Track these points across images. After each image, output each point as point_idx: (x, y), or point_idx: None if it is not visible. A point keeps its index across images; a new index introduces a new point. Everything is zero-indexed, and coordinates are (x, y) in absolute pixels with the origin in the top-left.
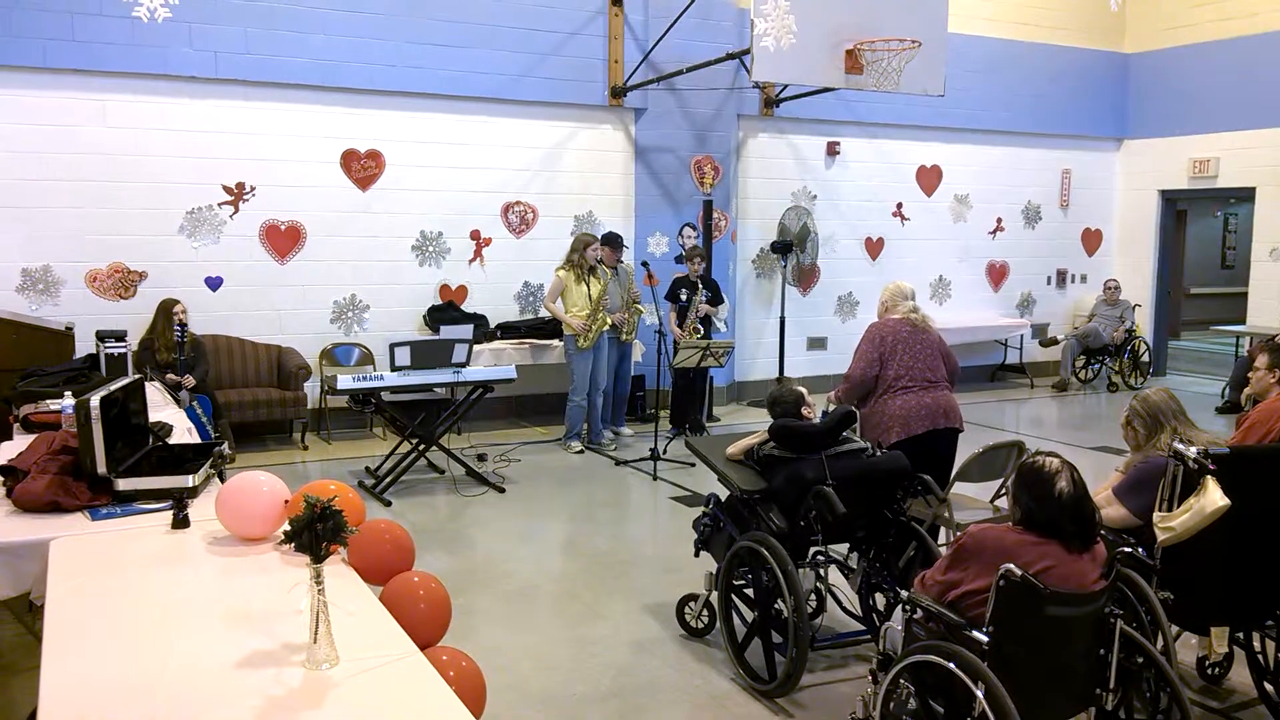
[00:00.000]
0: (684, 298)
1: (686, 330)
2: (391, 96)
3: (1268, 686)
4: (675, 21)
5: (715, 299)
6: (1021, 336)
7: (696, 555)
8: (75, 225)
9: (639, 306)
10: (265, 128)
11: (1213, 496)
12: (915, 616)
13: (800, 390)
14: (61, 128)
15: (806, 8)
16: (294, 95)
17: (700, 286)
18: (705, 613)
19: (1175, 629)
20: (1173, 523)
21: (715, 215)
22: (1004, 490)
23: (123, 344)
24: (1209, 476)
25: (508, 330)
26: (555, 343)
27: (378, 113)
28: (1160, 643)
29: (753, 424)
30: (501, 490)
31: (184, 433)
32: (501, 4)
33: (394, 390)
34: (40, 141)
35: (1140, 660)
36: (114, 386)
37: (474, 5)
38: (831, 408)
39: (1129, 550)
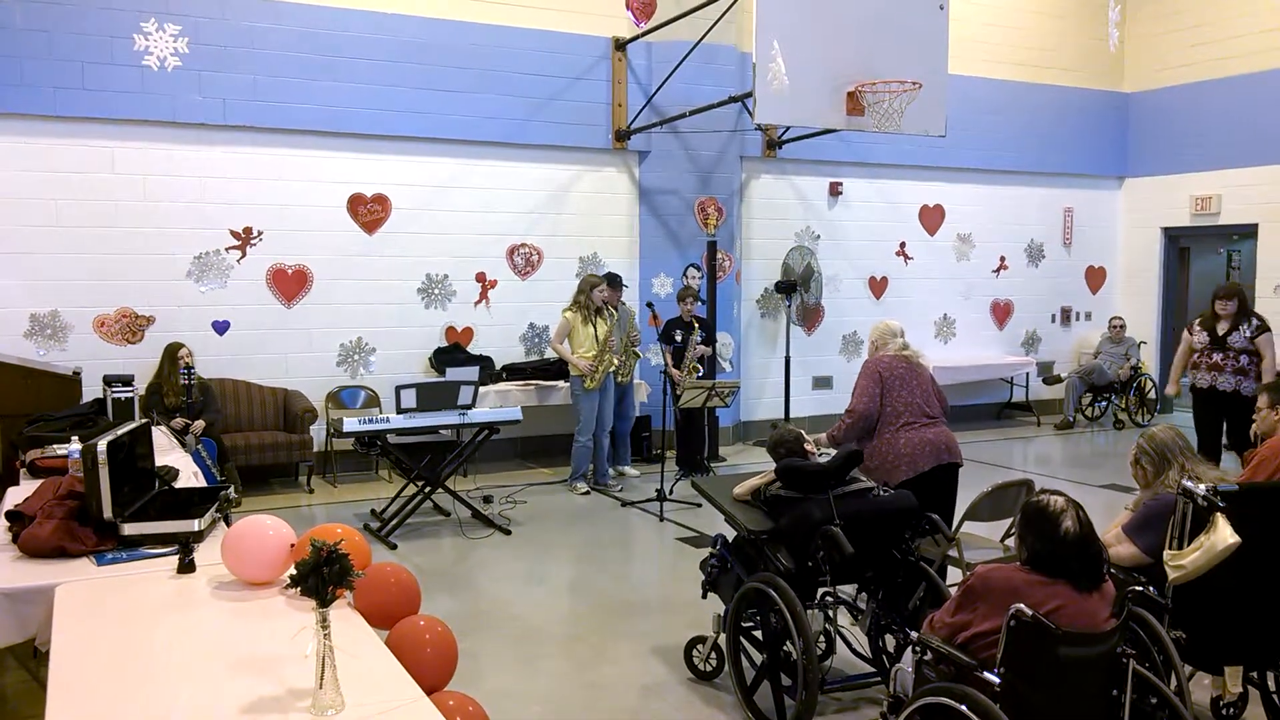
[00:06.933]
0: (679, 338)
1: (685, 370)
2: (397, 141)
3: None
4: (678, 66)
5: (708, 339)
6: (1027, 374)
7: (704, 597)
8: (83, 271)
9: (636, 351)
10: (272, 173)
11: (1223, 534)
12: (925, 658)
13: (799, 430)
14: (70, 174)
15: (806, 51)
16: (301, 141)
17: (695, 327)
18: (713, 655)
19: (1189, 669)
20: (1183, 561)
21: (719, 256)
22: (1013, 529)
23: (130, 388)
24: (1219, 514)
25: (513, 372)
26: (561, 384)
27: (384, 157)
28: (1174, 683)
29: (759, 464)
30: (507, 532)
31: (190, 477)
32: (506, 49)
33: (400, 433)
34: (49, 188)
35: (1154, 701)
36: (120, 431)
37: (479, 51)
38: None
39: (1140, 589)
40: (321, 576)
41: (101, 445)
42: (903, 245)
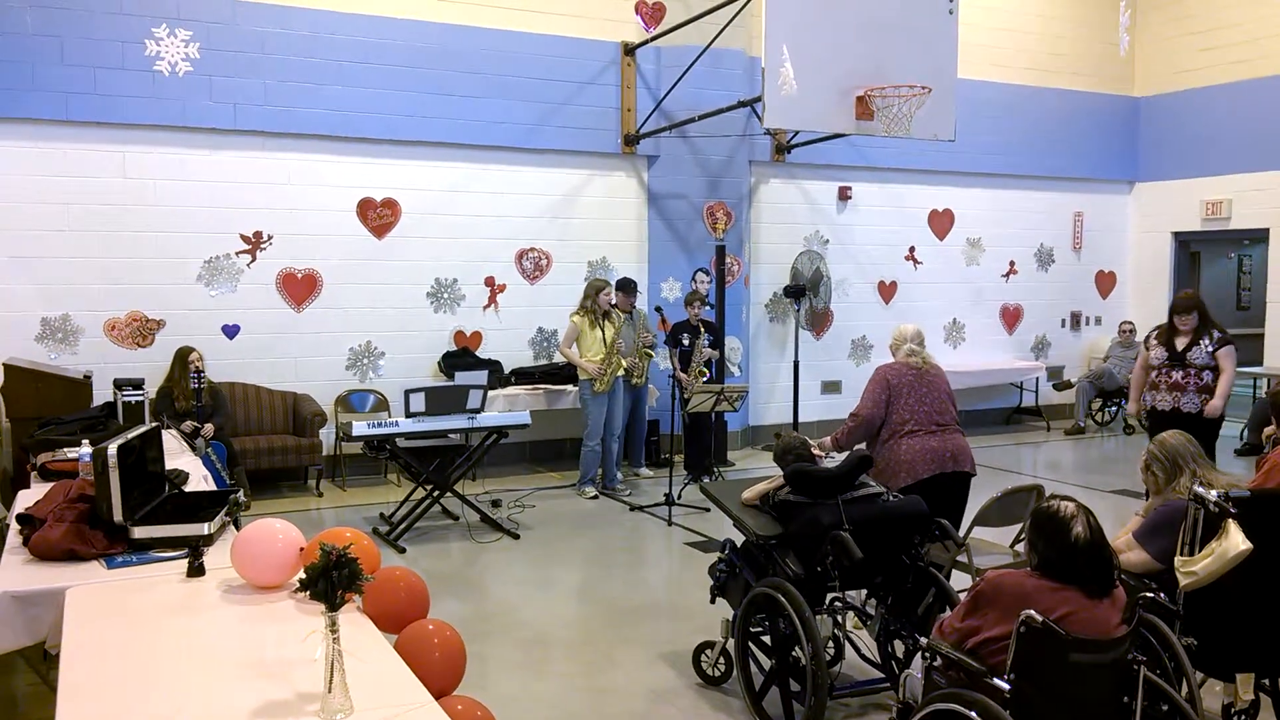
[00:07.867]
0: (686, 342)
1: (691, 374)
2: (407, 146)
3: None
4: (687, 70)
5: (715, 342)
6: (1037, 379)
7: (713, 602)
8: (94, 274)
9: (649, 351)
10: (283, 177)
11: (1234, 540)
12: (935, 664)
13: (803, 437)
14: (82, 178)
15: (815, 56)
16: (311, 145)
17: (702, 330)
18: (722, 660)
19: (1200, 675)
20: (1194, 567)
21: (728, 260)
22: (1023, 535)
23: (140, 392)
24: (1230, 520)
25: (522, 376)
26: (569, 388)
27: (394, 162)
28: (1185, 689)
29: (767, 469)
30: (516, 536)
31: (199, 480)
32: (516, 55)
33: (409, 436)
34: (61, 192)
35: (1165, 707)
36: (131, 435)
37: (489, 56)
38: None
39: (1151, 595)
40: (330, 580)
41: (112, 449)
42: (912, 250)
